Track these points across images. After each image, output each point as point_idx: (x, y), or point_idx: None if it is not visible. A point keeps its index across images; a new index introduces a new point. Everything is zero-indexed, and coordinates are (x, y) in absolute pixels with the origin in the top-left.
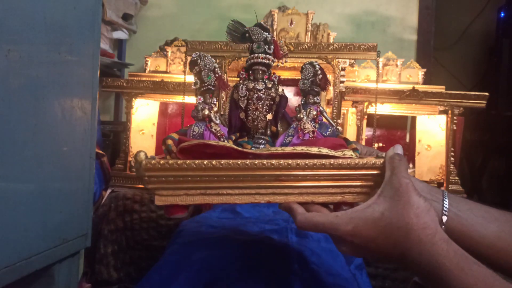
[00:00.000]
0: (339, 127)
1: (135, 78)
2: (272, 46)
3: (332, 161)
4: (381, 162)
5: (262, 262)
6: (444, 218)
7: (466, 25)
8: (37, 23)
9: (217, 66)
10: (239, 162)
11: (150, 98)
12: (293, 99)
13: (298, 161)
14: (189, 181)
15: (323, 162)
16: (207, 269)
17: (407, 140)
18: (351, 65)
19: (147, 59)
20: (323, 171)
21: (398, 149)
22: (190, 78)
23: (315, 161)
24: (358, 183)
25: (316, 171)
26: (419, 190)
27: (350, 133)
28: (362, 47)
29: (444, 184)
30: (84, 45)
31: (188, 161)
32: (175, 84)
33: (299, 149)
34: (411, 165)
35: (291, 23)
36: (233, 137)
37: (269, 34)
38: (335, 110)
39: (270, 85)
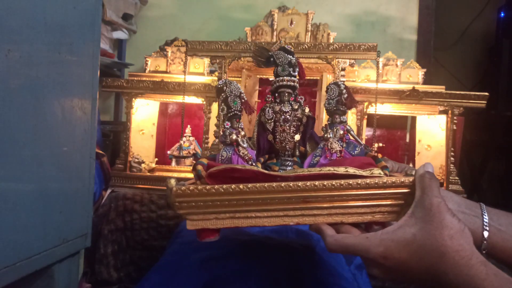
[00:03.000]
0: (369, 147)
1: (135, 78)
2: (297, 68)
3: (359, 181)
4: (411, 180)
5: (262, 262)
6: (486, 234)
7: (466, 25)
8: (37, 23)
9: (242, 92)
10: (265, 185)
11: (150, 98)
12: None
13: (325, 182)
14: (218, 205)
15: (350, 182)
16: (207, 269)
17: (407, 140)
18: (351, 65)
19: (147, 59)
20: (351, 191)
21: (429, 167)
22: (190, 78)
23: (342, 181)
24: (388, 202)
25: (344, 191)
26: (456, 205)
27: None
28: (362, 47)
29: (444, 184)
30: (84, 45)
31: (216, 186)
32: (175, 84)
33: (325, 169)
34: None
35: (291, 23)
36: (262, 159)
37: (293, 56)
38: None
39: (296, 107)
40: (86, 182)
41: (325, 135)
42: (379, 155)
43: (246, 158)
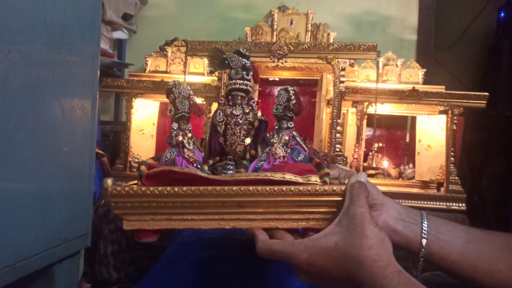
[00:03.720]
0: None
1: (135, 78)
2: (251, 72)
3: (292, 187)
4: (342, 188)
5: (262, 262)
6: (424, 241)
7: (466, 25)
8: (37, 23)
9: (192, 93)
10: (200, 189)
11: (150, 98)
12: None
13: (259, 187)
14: (154, 206)
15: (283, 188)
16: (207, 269)
17: (407, 140)
18: (351, 65)
19: (147, 59)
20: (285, 198)
21: (362, 176)
22: (190, 78)
23: (276, 187)
24: (322, 210)
25: (278, 197)
26: (397, 213)
27: (350, 133)
28: (362, 47)
29: (444, 184)
30: (84, 45)
31: (151, 188)
32: None
33: (262, 175)
34: (411, 165)
35: (291, 23)
36: (211, 162)
37: (248, 60)
38: (335, 110)
39: (247, 110)
40: (86, 182)
41: (272, 140)
42: (335, 160)
43: (191, 160)
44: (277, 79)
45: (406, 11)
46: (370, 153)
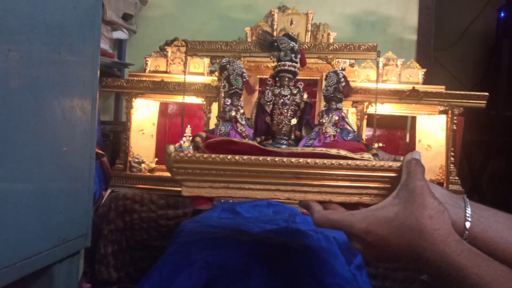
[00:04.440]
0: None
1: (135, 78)
2: (299, 55)
3: (350, 162)
4: (398, 165)
5: (262, 262)
6: (468, 224)
7: (466, 25)
8: (37, 23)
9: (245, 71)
10: (260, 159)
11: (150, 98)
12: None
13: (317, 160)
14: (213, 174)
15: (341, 162)
16: (207, 269)
17: (407, 140)
18: (351, 65)
19: (147, 59)
20: (341, 171)
21: (416, 154)
22: (190, 78)
23: (333, 161)
24: (375, 185)
25: (334, 170)
26: (440, 195)
27: None
28: (362, 47)
29: (444, 184)
30: (84, 45)
31: (213, 155)
32: (175, 84)
33: (318, 149)
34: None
35: (291, 23)
36: (258, 139)
37: (296, 43)
38: None
39: (295, 92)
40: (86, 182)
41: (321, 120)
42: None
43: (244, 135)
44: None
45: (406, 11)
46: None
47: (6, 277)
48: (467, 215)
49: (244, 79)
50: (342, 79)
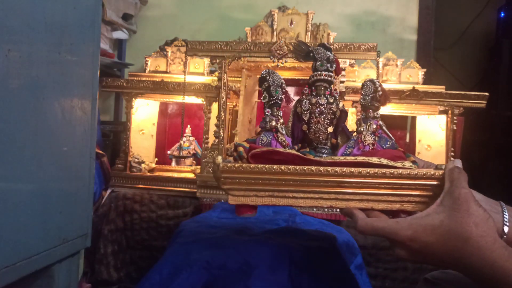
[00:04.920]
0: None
1: (135, 78)
2: (334, 65)
3: (392, 170)
4: (441, 173)
5: (262, 262)
6: (506, 229)
7: (466, 25)
8: (37, 23)
9: (284, 82)
10: (304, 168)
11: (150, 98)
12: (293, 98)
13: (360, 169)
14: (259, 183)
15: (384, 171)
16: (207, 269)
17: (407, 140)
18: (351, 65)
19: (147, 59)
20: (384, 180)
21: (458, 163)
22: (190, 78)
23: (376, 169)
24: (417, 193)
25: (377, 179)
26: (479, 201)
27: None
28: (362, 47)
29: None
30: (84, 45)
31: (259, 165)
32: (175, 84)
33: (360, 158)
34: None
35: (291, 23)
36: (296, 148)
37: (331, 53)
38: None
39: (331, 100)
40: (86, 182)
41: (359, 128)
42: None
43: (284, 144)
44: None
45: (406, 11)
46: None
47: (6, 277)
48: (505, 220)
49: (283, 90)
50: (379, 88)
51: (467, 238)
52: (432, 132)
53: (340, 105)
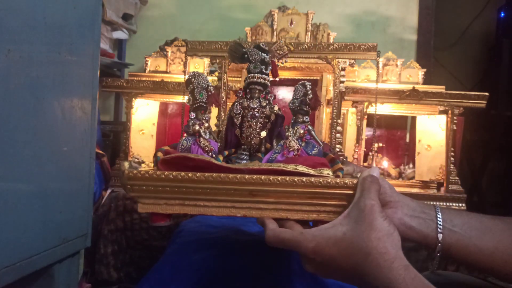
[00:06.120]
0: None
1: (135, 78)
2: (270, 67)
3: (304, 179)
4: (354, 182)
5: (262, 262)
6: (440, 236)
7: (466, 25)
8: (37, 23)
9: (210, 84)
10: (213, 176)
11: (150, 98)
12: None
13: (271, 177)
14: (168, 191)
15: (295, 179)
16: (207, 269)
17: (407, 140)
18: (351, 65)
19: (147, 59)
20: (296, 188)
21: (374, 171)
22: None
23: (288, 178)
24: (333, 202)
25: (289, 188)
26: (411, 210)
27: (350, 133)
28: (362, 47)
29: (444, 184)
30: (84, 45)
31: (166, 172)
32: (175, 84)
33: (275, 165)
34: (411, 165)
35: (291, 23)
36: (226, 153)
37: (267, 55)
38: (335, 110)
39: (264, 104)
40: (86, 182)
41: (286, 133)
42: (342, 158)
43: (207, 149)
44: (277, 79)
45: (406, 11)
46: (370, 153)
47: (6, 277)
48: (439, 226)
49: (209, 93)
50: (309, 91)
51: (367, 254)
52: (432, 132)
53: (275, 108)
